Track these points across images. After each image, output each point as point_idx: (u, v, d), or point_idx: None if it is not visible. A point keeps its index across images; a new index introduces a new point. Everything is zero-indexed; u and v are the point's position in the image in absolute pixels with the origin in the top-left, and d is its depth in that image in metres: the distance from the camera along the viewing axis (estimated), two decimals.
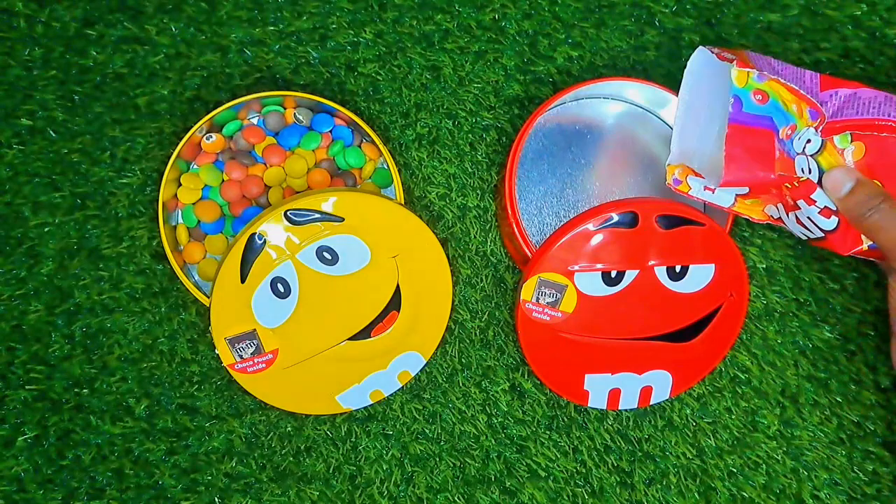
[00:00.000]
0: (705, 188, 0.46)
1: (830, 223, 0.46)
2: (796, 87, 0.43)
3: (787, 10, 0.56)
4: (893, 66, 0.55)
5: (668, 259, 0.48)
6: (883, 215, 0.44)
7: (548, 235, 0.50)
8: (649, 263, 0.48)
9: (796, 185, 0.44)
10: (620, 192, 0.54)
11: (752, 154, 0.43)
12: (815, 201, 0.45)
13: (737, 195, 0.46)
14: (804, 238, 0.48)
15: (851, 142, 0.43)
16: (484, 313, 0.54)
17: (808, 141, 0.44)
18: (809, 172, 0.44)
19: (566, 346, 0.50)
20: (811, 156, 0.44)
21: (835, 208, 0.45)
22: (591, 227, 0.47)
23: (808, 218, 0.46)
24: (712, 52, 0.46)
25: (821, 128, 0.44)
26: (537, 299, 0.49)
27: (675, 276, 0.49)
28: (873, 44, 0.56)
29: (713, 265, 0.49)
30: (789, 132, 0.44)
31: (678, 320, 0.50)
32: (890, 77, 0.55)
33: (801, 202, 0.45)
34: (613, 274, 0.48)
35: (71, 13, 0.55)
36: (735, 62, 0.44)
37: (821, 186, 0.44)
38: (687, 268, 0.49)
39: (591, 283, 0.48)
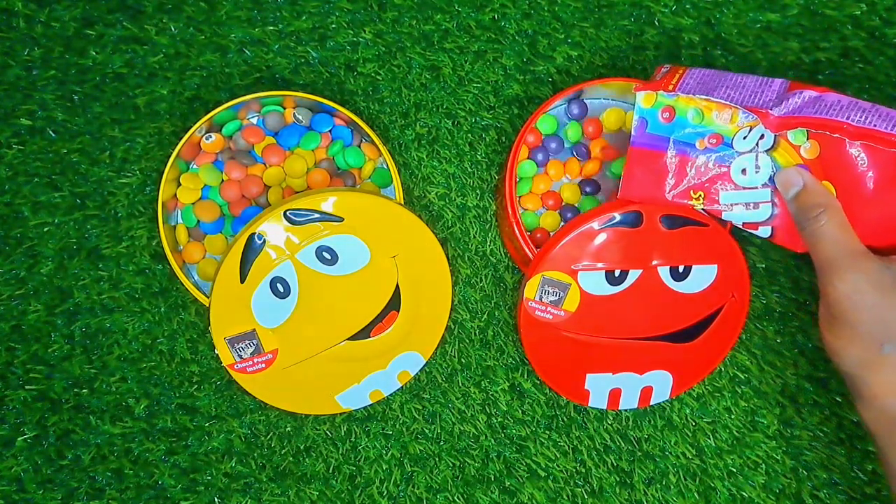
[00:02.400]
0: (701, 208, 0.47)
1: (764, 232, 0.46)
2: (715, 99, 0.44)
3: (786, 10, 0.56)
4: (893, 66, 0.55)
5: (672, 259, 0.48)
6: (820, 227, 0.43)
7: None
8: (652, 263, 0.48)
9: (697, 202, 0.46)
10: None
11: (647, 174, 0.46)
12: (731, 222, 0.46)
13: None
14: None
15: (808, 139, 0.43)
16: (484, 313, 0.54)
17: (762, 136, 0.44)
18: (758, 171, 0.45)
19: (568, 346, 0.50)
20: (766, 152, 0.44)
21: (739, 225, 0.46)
22: (595, 226, 0.47)
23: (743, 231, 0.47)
24: (640, 91, 0.46)
25: (761, 125, 0.44)
26: (540, 298, 0.49)
27: (678, 276, 0.49)
28: (873, 44, 0.56)
29: (716, 266, 0.49)
30: (713, 141, 0.45)
31: (680, 320, 0.50)
32: (890, 77, 0.55)
33: (725, 217, 0.46)
34: (617, 273, 0.48)
35: (71, 13, 0.55)
36: (641, 85, 0.45)
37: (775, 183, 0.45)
38: (690, 268, 0.49)
39: (594, 282, 0.48)
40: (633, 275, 0.48)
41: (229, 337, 0.48)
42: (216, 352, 0.49)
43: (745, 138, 0.44)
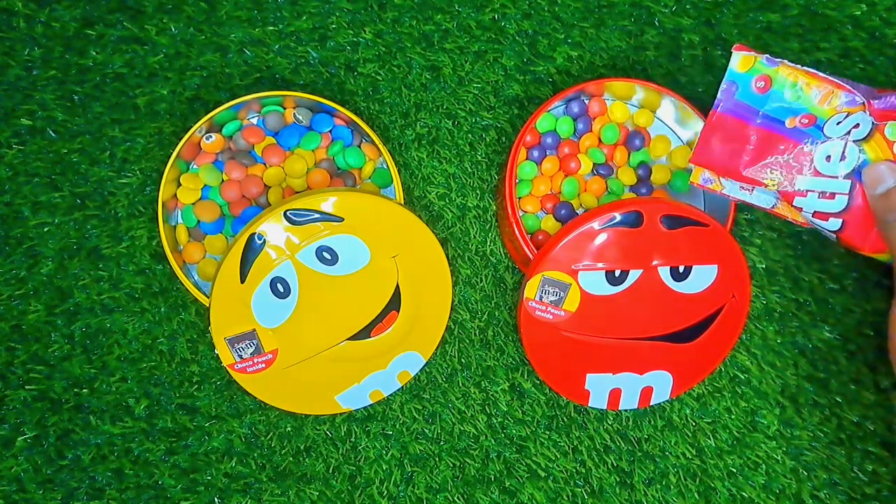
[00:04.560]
0: (742, 188, 0.45)
1: (833, 224, 0.44)
2: (820, 73, 0.42)
3: (786, 10, 0.56)
4: (893, 66, 0.55)
5: (672, 259, 0.48)
6: None
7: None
8: (653, 263, 0.48)
9: (770, 183, 0.44)
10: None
11: (726, 143, 0.44)
12: (801, 208, 0.45)
13: (779, 196, 0.45)
14: (831, 236, 0.46)
15: None
16: (484, 313, 0.54)
17: (857, 125, 0.42)
18: (843, 160, 0.43)
19: (568, 346, 0.50)
20: (857, 141, 0.42)
21: (811, 213, 0.44)
22: (595, 226, 0.47)
23: (810, 220, 0.45)
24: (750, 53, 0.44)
25: (863, 112, 0.42)
26: (540, 298, 0.49)
27: (679, 276, 0.49)
28: (873, 44, 0.56)
29: (716, 266, 0.49)
30: (804, 121, 0.43)
31: (680, 321, 0.50)
32: (890, 77, 0.55)
33: (797, 202, 0.44)
34: (617, 273, 0.48)
35: (71, 13, 0.55)
36: (741, 46, 0.43)
37: (860, 176, 0.43)
38: (690, 268, 0.49)
39: (594, 282, 0.48)
40: (634, 275, 0.48)
41: (229, 337, 0.48)
42: (216, 352, 0.49)
43: (838, 124, 0.42)
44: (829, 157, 0.43)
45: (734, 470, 0.54)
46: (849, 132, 0.42)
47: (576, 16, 0.56)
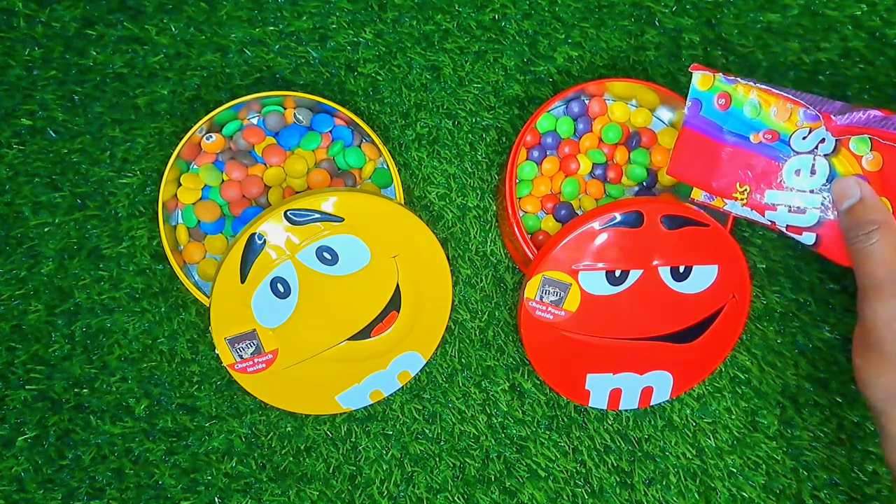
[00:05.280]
0: (743, 205, 0.46)
1: (808, 238, 0.44)
2: (777, 91, 0.43)
3: (787, 10, 0.56)
4: (894, 66, 0.55)
5: (672, 259, 0.48)
6: (871, 245, 0.40)
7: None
8: (653, 263, 0.48)
9: (741, 198, 0.45)
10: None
11: (696, 157, 0.45)
12: (774, 222, 0.45)
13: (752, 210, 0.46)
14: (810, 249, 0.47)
15: (871, 150, 0.42)
16: (484, 313, 0.54)
17: (822, 140, 0.42)
18: (813, 174, 0.43)
19: (568, 346, 0.50)
20: (826, 156, 0.43)
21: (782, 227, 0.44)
22: (596, 226, 0.47)
23: (785, 234, 0.46)
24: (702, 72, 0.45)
25: (823, 128, 0.43)
26: (541, 298, 0.49)
27: (679, 276, 0.49)
28: (873, 44, 0.56)
29: (716, 266, 0.49)
30: (768, 136, 0.43)
31: (681, 321, 0.50)
32: (890, 77, 0.55)
33: (768, 216, 0.45)
34: (617, 273, 0.48)
35: (71, 13, 0.55)
36: (698, 66, 0.44)
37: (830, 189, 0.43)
38: (691, 268, 0.49)
39: (594, 283, 0.48)
40: (634, 275, 0.48)
41: (230, 337, 0.48)
42: (216, 352, 0.49)
43: (804, 139, 0.43)
44: (798, 172, 0.44)
45: (734, 470, 0.54)
46: (816, 147, 0.43)
47: (576, 16, 0.56)
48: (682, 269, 0.49)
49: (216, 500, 0.52)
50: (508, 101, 0.56)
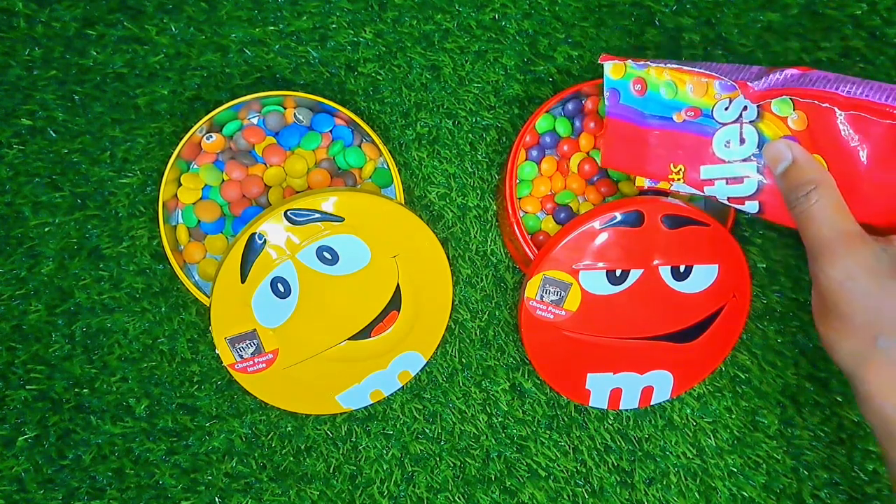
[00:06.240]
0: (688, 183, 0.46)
1: (751, 207, 0.43)
2: (687, 67, 0.42)
3: (787, 10, 0.56)
4: (894, 65, 0.55)
5: (673, 259, 0.48)
6: (811, 206, 0.39)
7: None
8: (654, 263, 0.48)
9: (676, 179, 0.44)
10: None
11: (626, 145, 0.45)
12: (715, 197, 0.45)
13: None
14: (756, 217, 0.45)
15: (794, 110, 0.40)
16: (484, 313, 0.54)
17: (745, 108, 0.41)
18: (743, 143, 0.42)
19: (569, 345, 0.50)
20: (751, 122, 0.42)
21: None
22: (596, 225, 0.47)
23: (727, 205, 0.45)
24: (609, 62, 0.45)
25: (741, 96, 0.42)
26: (541, 297, 0.49)
27: (680, 276, 0.49)
28: (873, 43, 0.56)
29: (717, 265, 0.49)
30: (690, 114, 0.43)
31: (681, 320, 0.50)
32: (891, 77, 0.55)
33: (707, 191, 0.44)
34: (618, 273, 0.48)
35: (71, 13, 0.55)
36: (607, 56, 0.45)
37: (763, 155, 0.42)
38: (691, 268, 0.49)
39: (595, 282, 0.48)
40: (635, 274, 0.48)
41: (230, 337, 0.48)
42: (217, 352, 0.49)
43: (726, 109, 0.42)
44: (727, 143, 0.43)
45: (735, 469, 0.54)
46: (740, 115, 0.42)
47: (576, 15, 0.56)
48: (682, 268, 0.49)
49: (216, 499, 0.52)
50: (508, 100, 0.56)
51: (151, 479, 0.53)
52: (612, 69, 0.44)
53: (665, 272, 0.49)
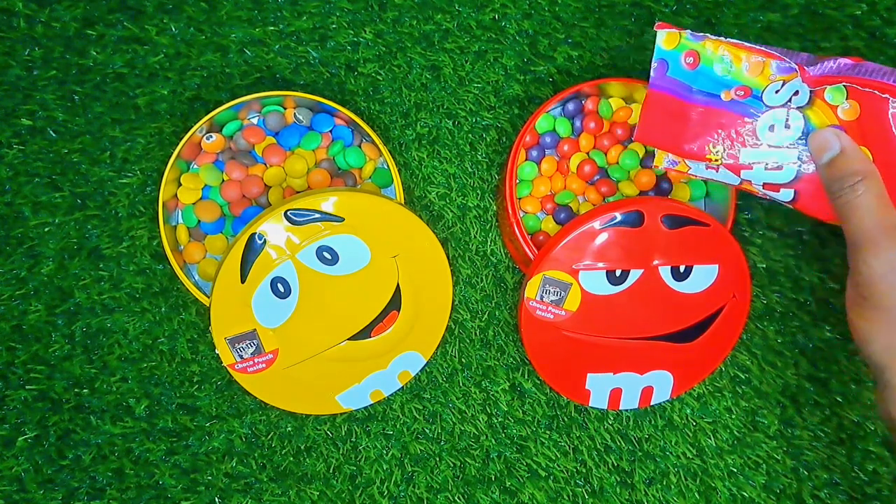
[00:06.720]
0: (708, 167, 0.44)
1: (786, 195, 0.43)
2: (747, 44, 0.41)
3: (787, 10, 0.56)
4: (894, 65, 0.55)
5: (673, 259, 0.48)
6: (857, 197, 0.39)
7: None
8: (654, 263, 0.48)
9: (714, 160, 0.43)
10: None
11: (665, 121, 0.43)
12: (750, 181, 0.44)
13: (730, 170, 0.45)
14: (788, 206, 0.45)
15: (847, 99, 0.40)
16: (484, 313, 0.54)
17: (796, 92, 0.41)
18: (788, 128, 0.42)
19: (569, 345, 0.50)
20: (800, 108, 0.41)
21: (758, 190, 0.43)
22: (596, 225, 0.47)
23: (762, 192, 0.44)
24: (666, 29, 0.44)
25: (798, 79, 0.41)
26: (541, 297, 0.49)
27: (679, 276, 0.49)
28: (873, 43, 0.56)
29: (717, 266, 0.49)
30: (740, 93, 0.42)
31: (681, 320, 0.50)
32: None
33: (744, 175, 0.43)
34: (618, 273, 0.48)
35: (71, 13, 0.55)
36: (663, 24, 0.43)
37: (807, 144, 0.42)
38: (691, 268, 0.49)
39: (595, 282, 0.48)
40: (635, 274, 0.48)
41: (230, 337, 0.48)
42: (217, 352, 0.49)
43: (776, 92, 0.41)
44: (772, 127, 0.42)
45: (735, 469, 0.54)
46: (790, 100, 0.41)
47: (576, 16, 0.56)
48: (682, 268, 0.49)
49: (216, 500, 0.52)
50: (508, 100, 0.56)
51: (151, 480, 0.52)
52: (666, 38, 0.43)
53: (665, 272, 0.49)
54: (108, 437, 0.53)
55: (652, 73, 0.44)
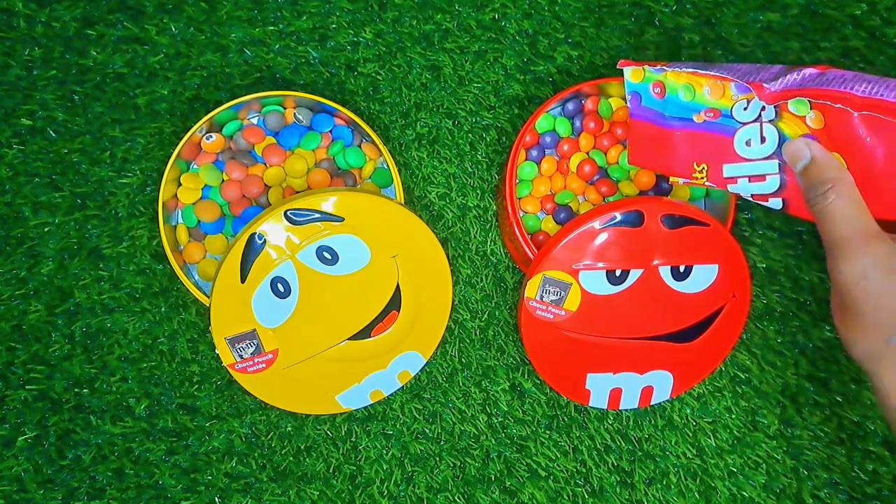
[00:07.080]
0: (695, 184, 0.46)
1: (775, 204, 0.44)
2: (703, 71, 0.43)
3: (787, 10, 0.56)
4: (894, 65, 0.55)
5: (673, 259, 0.48)
6: (829, 204, 0.39)
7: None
8: (653, 263, 0.48)
9: (700, 178, 0.45)
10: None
11: (650, 145, 0.46)
12: (738, 194, 0.45)
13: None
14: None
15: (811, 109, 0.40)
16: (484, 313, 0.54)
17: (763, 108, 0.42)
18: (764, 141, 0.43)
19: (569, 345, 0.50)
20: (771, 121, 0.42)
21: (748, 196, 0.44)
22: (596, 225, 0.47)
23: (752, 203, 0.46)
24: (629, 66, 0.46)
25: (757, 98, 0.42)
26: (541, 297, 0.49)
27: (679, 275, 0.49)
28: (873, 43, 0.56)
29: (717, 265, 0.49)
30: (710, 115, 0.44)
31: (681, 320, 0.50)
32: (890, 76, 0.55)
33: (730, 189, 0.45)
34: (618, 273, 0.48)
35: (71, 13, 0.55)
36: (626, 61, 0.46)
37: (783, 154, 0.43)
38: (691, 268, 0.49)
39: (595, 282, 0.48)
40: (634, 274, 0.48)
41: (230, 337, 0.48)
42: (217, 352, 0.49)
43: (745, 109, 0.43)
44: (748, 142, 0.43)
45: (735, 469, 0.54)
46: (759, 114, 0.42)
47: (576, 15, 0.56)
48: (682, 268, 0.49)
49: (216, 499, 0.52)
50: (508, 100, 0.56)
51: (151, 479, 0.52)
52: (632, 73, 0.46)
53: (665, 272, 0.49)
54: (108, 437, 0.53)
55: (628, 105, 0.47)
